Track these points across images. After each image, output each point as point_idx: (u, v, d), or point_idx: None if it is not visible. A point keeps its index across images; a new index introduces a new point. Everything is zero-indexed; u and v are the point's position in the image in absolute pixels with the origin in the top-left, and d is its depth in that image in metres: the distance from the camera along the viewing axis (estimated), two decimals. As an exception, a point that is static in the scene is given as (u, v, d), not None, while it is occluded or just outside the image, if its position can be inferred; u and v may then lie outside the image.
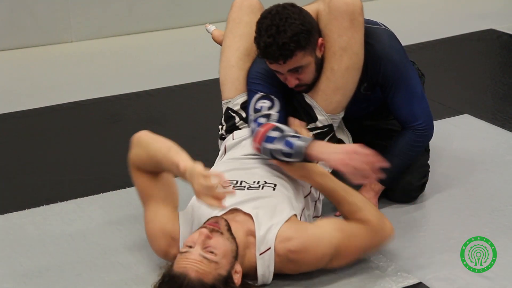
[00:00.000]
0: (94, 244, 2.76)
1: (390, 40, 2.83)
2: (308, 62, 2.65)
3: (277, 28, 2.58)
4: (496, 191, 3.06)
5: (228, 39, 2.92)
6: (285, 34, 2.57)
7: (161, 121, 3.85)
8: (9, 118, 3.95)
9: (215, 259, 2.24)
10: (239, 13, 2.92)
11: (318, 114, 2.75)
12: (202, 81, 4.35)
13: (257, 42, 2.63)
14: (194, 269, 2.21)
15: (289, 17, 2.59)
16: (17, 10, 5.01)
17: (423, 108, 2.86)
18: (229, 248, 2.30)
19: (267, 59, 2.65)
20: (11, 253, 2.72)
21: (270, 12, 2.63)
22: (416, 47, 4.82)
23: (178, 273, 2.21)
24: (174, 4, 5.44)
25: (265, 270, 2.40)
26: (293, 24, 2.58)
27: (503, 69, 4.59)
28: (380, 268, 2.56)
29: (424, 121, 2.85)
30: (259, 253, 2.39)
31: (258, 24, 2.64)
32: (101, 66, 4.78)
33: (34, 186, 3.22)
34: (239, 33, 2.90)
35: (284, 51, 2.58)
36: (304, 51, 2.61)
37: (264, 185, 2.57)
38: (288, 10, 2.62)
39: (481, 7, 5.84)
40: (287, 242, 2.38)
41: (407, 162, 2.89)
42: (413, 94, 2.83)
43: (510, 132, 3.57)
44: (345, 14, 2.65)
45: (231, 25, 2.93)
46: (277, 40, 2.57)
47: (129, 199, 3.06)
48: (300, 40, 2.59)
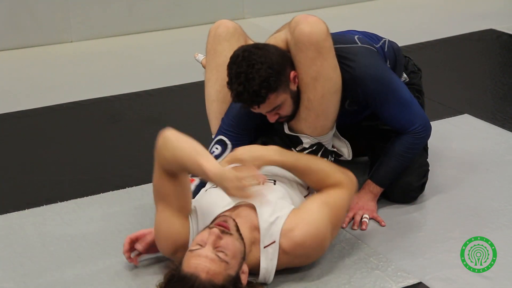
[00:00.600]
0: (94, 244, 2.76)
1: (366, 58, 2.77)
2: (283, 100, 2.62)
3: (245, 76, 2.54)
4: (496, 191, 3.06)
5: (207, 72, 2.96)
6: (254, 81, 2.54)
7: (161, 121, 3.84)
8: (9, 118, 3.95)
9: (226, 258, 2.24)
10: (213, 44, 2.90)
11: (303, 139, 2.75)
12: (202, 81, 4.31)
13: (230, 88, 2.61)
14: (205, 270, 2.20)
15: (255, 62, 2.54)
16: (17, 10, 5.01)
17: (416, 112, 2.83)
18: (238, 249, 2.30)
19: (242, 105, 2.64)
20: (11, 253, 2.72)
21: (238, 57, 2.59)
22: (416, 47, 4.82)
23: (188, 273, 2.20)
24: (174, 4, 5.44)
25: (268, 264, 2.41)
26: (261, 69, 2.54)
27: (503, 69, 4.59)
28: (380, 268, 2.57)
29: (420, 124, 2.83)
30: (263, 246, 2.40)
31: (228, 69, 2.61)
32: (101, 66, 4.78)
33: (34, 186, 3.22)
34: (214, 65, 2.90)
35: (256, 97, 2.56)
36: (276, 92, 2.58)
37: (265, 181, 2.58)
38: (254, 54, 2.56)
39: (481, 7, 5.84)
40: (291, 234, 2.39)
41: (405, 164, 2.88)
42: (402, 102, 2.80)
43: (510, 132, 3.57)
44: (309, 44, 2.58)
45: (208, 57, 2.95)
46: (248, 88, 2.54)
47: (129, 199, 3.06)
48: (271, 84, 2.55)
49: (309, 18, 2.60)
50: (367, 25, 5.39)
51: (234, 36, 2.87)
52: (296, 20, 2.62)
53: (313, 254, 2.48)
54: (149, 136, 3.66)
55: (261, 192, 2.39)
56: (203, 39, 3.03)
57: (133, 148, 3.57)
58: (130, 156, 3.48)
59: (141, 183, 3.16)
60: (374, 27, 5.28)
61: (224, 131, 2.84)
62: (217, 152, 2.82)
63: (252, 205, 2.45)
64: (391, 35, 3.28)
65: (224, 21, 2.93)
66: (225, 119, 2.86)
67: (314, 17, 2.61)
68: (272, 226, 2.41)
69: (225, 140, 2.83)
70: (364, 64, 2.74)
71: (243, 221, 2.40)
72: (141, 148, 3.55)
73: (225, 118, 2.87)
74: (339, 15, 5.76)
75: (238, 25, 2.93)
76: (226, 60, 2.65)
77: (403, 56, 3.08)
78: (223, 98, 2.87)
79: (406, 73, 3.09)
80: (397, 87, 2.80)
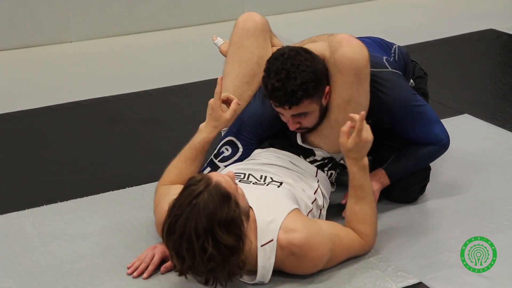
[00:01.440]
0: (94, 244, 2.75)
1: (396, 83, 2.77)
2: (313, 109, 2.62)
3: (287, 73, 2.53)
4: (496, 191, 3.06)
5: (228, 65, 2.89)
6: (295, 81, 2.52)
7: (161, 121, 3.85)
8: (9, 118, 3.95)
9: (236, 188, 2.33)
10: (241, 37, 2.84)
11: (316, 152, 2.75)
12: (202, 81, 4.35)
13: (265, 82, 2.58)
14: (216, 176, 2.29)
15: (301, 64, 2.53)
16: (17, 10, 5.01)
17: (442, 129, 2.88)
18: (245, 199, 2.35)
19: (273, 102, 2.62)
20: (11, 253, 2.72)
21: (283, 54, 2.57)
22: (416, 47, 4.82)
23: (199, 177, 2.30)
24: (174, 4, 5.44)
25: (266, 262, 2.40)
26: (304, 71, 2.53)
27: (503, 69, 4.59)
28: (380, 268, 2.56)
29: (446, 137, 2.88)
30: (260, 245, 2.39)
31: (268, 64, 2.58)
32: (101, 66, 4.78)
33: (34, 186, 3.22)
34: (238, 60, 2.84)
35: (291, 98, 2.54)
36: (311, 99, 2.57)
37: (270, 183, 2.58)
38: (301, 56, 2.56)
39: (481, 7, 5.84)
40: (291, 233, 2.38)
41: (418, 168, 2.91)
42: (429, 122, 2.83)
43: (510, 132, 3.57)
44: (350, 69, 2.57)
45: (232, 50, 2.88)
46: (286, 86, 2.53)
47: (129, 199, 3.06)
48: (309, 89, 2.54)
49: (352, 41, 2.58)
50: (367, 25, 5.43)
51: (262, 32, 2.83)
52: (338, 41, 2.59)
53: (304, 264, 2.44)
54: (149, 136, 3.70)
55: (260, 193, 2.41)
56: (203, 39, 3.04)
57: (133, 148, 3.57)
58: (130, 156, 3.48)
59: (141, 183, 3.16)
60: (374, 27, 5.31)
61: (236, 133, 2.81)
62: (227, 153, 2.80)
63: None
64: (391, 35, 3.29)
65: (253, 14, 2.87)
66: (241, 121, 2.81)
67: (357, 40, 2.60)
68: (270, 225, 2.40)
69: (237, 143, 2.81)
70: (395, 91, 2.74)
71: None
72: (141, 148, 3.55)
73: (241, 119, 2.81)
74: (339, 15, 5.76)
75: (266, 20, 2.88)
76: (252, 56, 2.64)
77: (411, 61, 3.10)
78: (240, 95, 2.82)
79: (413, 78, 3.10)
80: (424, 109, 2.82)
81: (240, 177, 2.62)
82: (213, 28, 4.61)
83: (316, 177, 2.74)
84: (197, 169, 2.73)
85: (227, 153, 2.80)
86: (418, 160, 2.88)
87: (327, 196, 2.75)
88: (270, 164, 2.72)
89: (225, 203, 2.24)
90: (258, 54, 2.82)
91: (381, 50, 2.93)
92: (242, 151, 2.80)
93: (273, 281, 2.45)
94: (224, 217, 2.23)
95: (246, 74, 2.78)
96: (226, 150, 2.80)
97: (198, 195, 2.24)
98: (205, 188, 2.25)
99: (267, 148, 2.82)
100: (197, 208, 2.22)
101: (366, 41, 2.94)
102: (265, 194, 2.52)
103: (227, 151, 2.80)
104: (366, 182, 2.55)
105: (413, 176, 2.92)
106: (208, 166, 2.81)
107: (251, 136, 2.81)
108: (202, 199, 2.24)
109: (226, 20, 5.28)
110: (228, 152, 2.80)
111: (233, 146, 2.80)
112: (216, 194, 2.24)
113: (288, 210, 2.45)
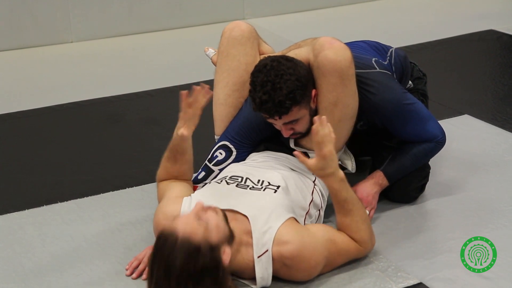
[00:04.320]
0: (94, 244, 2.76)
1: (384, 83, 2.77)
2: (303, 115, 2.63)
3: (272, 85, 2.54)
4: (496, 191, 3.06)
5: (217, 74, 2.91)
6: (281, 91, 2.54)
7: (161, 121, 3.85)
8: (9, 118, 3.95)
9: (206, 225, 2.23)
10: (227, 45, 2.86)
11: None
12: (202, 81, 4.33)
13: (252, 97, 2.60)
14: (182, 227, 2.20)
15: (284, 73, 2.55)
16: (17, 10, 5.01)
17: (436, 125, 2.87)
18: (222, 226, 2.28)
19: (263, 114, 2.63)
20: (11, 253, 2.72)
21: (265, 66, 2.58)
22: (416, 48, 4.82)
23: (166, 231, 2.21)
24: (174, 5, 5.44)
25: (264, 273, 2.40)
26: (289, 80, 2.54)
27: (503, 69, 4.59)
28: (380, 268, 2.57)
29: (441, 133, 2.88)
30: (257, 256, 2.39)
31: (253, 77, 2.60)
32: (101, 66, 4.78)
33: (34, 186, 3.22)
34: (226, 68, 2.86)
35: (280, 108, 2.56)
36: (299, 105, 2.59)
37: (267, 187, 2.58)
38: (283, 65, 2.57)
39: (481, 7, 5.84)
40: (283, 246, 2.38)
41: (416, 166, 2.90)
42: (422, 119, 2.83)
43: (510, 133, 3.57)
44: (333, 71, 2.58)
45: (219, 59, 2.90)
46: (273, 97, 2.54)
47: (129, 199, 3.06)
48: (296, 97, 2.56)
49: (334, 43, 2.59)
50: (367, 25, 5.43)
51: (249, 40, 2.84)
52: (321, 44, 2.60)
53: (298, 274, 2.44)
54: (149, 136, 3.70)
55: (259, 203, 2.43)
56: (203, 40, 3.04)
57: (133, 148, 3.57)
58: (130, 156, 3.48)
59: (141, 183, 3.16)
60: (374, 27, 5.32)
61: (230, 137, 2.84)
62: (221, 157, 2.82)
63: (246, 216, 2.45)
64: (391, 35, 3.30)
65: (239, 23, 2.88)
66: (234, 126, 2.84)
67: (339, 42, 2.61)
68: (265, 235, 2.40)
69: (230, 147, 2.82)
70: (383, 91, 2.75)
71: (236, 224, 2.40)
72: (141, 148, 3.55)
73: (234, 124, 2.85)
74: (339, 15, 5.76)
75: (253, 28, 2.89)
76: (239, 64, 2.66)
77: (409, 63, 3.09)
78: (232, 103, 2.86)
79: (411, 79, 3.10)
80: (415, 107, 2.82)
81: (238, 181, 2.61)
82: (213, 29, 4.61)
83: (313, 176, 2.74)
84: (182, 167, 2.72)
85: (221, 157, 2.82)
86: (415, 159, 2.87)
87: (325, 195, 2.75)
88: (268, 164, 2.73)
89: (194, 257, 2.19)
90: (246, 61, 2.83)
91: (375, 53, 2.93)
92: (236, 154, 2.82)
93: (274, 281, 2.45)
94: (197, 270, 2.18)
95: (236, 82, 2.80)
96: (220, 154, 2.83)
97: (169, 256, 2.18)
98: (173, 248, 2.18)
99: (263, 151, 2.84)
100: (168, 271, 2.18)
101: (361, 45, 2.96)
102: (261, 200, 2.51)
103: (221, 155, 2.82)
104: (349, 194, 2.52)
105: (412, 175, 2.92)
106: (203, 171, 2.83)
107: (245, 140, 2.83)
108: (173, 260, 2.17)
109: (226, 21, 5.25)
110: (222, 156, 2.82)
111: (227, 150, 2.83)
112: (184, 251, 2.18)
113: (283, 220, 2.44)
